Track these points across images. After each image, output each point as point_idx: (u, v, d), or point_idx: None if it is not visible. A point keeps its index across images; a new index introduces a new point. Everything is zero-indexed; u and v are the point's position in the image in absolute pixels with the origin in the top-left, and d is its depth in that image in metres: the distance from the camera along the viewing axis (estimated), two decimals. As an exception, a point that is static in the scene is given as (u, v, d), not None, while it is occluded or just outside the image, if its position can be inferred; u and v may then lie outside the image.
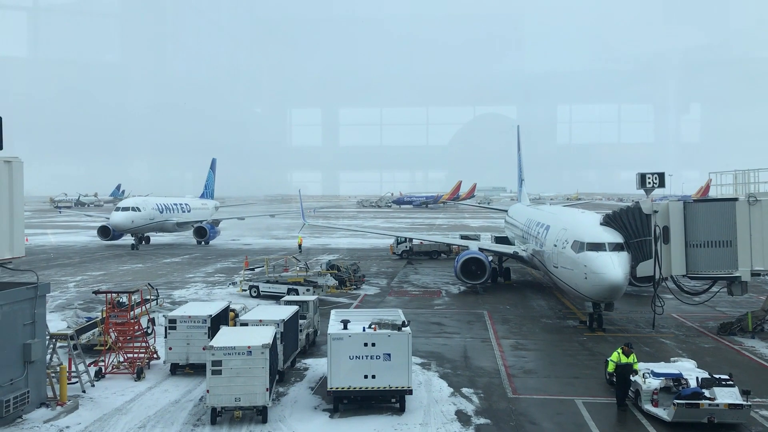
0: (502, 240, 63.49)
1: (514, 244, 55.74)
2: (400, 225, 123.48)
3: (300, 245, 75.93)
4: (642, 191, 33.69)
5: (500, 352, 29.38)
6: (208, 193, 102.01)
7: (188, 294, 45.24)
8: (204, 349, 22.88)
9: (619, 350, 22.71)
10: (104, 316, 28.83)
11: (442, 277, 53.35)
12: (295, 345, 27.81)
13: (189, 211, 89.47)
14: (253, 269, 49.98)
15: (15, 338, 20.15)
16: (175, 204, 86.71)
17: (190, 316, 26.48)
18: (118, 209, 76.79)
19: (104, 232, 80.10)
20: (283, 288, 42.65)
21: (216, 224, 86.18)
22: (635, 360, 22.63)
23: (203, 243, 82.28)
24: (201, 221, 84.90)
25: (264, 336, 22.26)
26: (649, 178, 32.92)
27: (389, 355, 21.78)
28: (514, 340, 31.91)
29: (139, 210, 76.94)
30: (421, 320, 36.02)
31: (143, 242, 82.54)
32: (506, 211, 71.86)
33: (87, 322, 30.07)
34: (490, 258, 48.48)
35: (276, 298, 40.82)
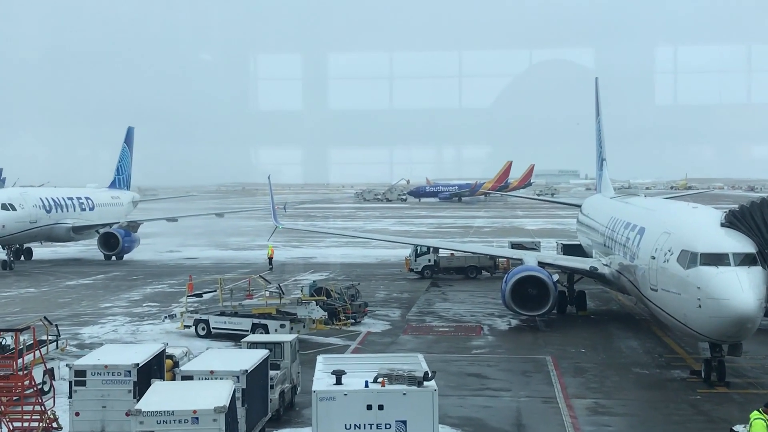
0: (573, 249, 63.18)
1: (590, 256, 55.47)
2: (419, 228, 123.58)
3: (270, 258, 76.10)
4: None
5: (571, 419, 29.21)
6: (122, 180, 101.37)
7: (104, 333, 45.24)
8: (128, 414, 22.77)
9: (760, 413, 22.40)
10: (-22, 366, 28.75)
11: (484, 306, 53.26)
12: (264, 408, 27.73)
13: (92, 209, 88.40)
14: (200, 295, 49.89)
15: None
16: (71, 198, 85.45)
17: (106, 366, 26.38)
18: None
19: None
20: (246, 323, 42.51)
21: (133, 228, 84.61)
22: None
23: (113, 257, 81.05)
24: (110, 224, 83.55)
25: (217, 395, 22.18)
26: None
27: (404, 423, 21.71)
28: (592, 399, 31.76)
29: (14, 208, 74.94)
30: (453, 371, 35.90)
31: (20, 256, 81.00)
32: (579, 206, 71.66)
33: (-47, 375, 30.12)
34: (556, 277, 48.28)
35: (235, 338, 40.64)
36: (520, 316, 46.84)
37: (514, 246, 69.10)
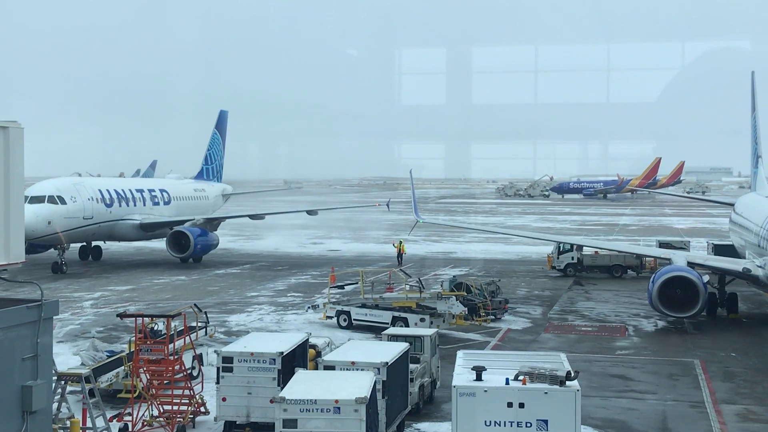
0: (724, 249, 61.12)
1: (743, 257, 53.60)
2: (562, 225, 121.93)
3: (400, 254, 74.25)
4: None
5: (720, 425, 28.50)
6: (211, 170, 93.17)
7: (250, 321, 46.66)
8: (272, 402, 23.31)
9: None
10: (132, 350, 29.94)
11: (629, 306, 52.30)
12: (404, 401, 27.89)
13: (167, 203, 79.73)
14: (342, 287, 50.66)
15: (9, 378, 20.96)
16: (140, 190, 76.86)
17: (252, 354, 27.12)
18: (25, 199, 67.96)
19: None
20: (386, 316, 42.93)
21: (213, 227, 76.04)
22: None
23: (188, 260, 72.35)
24: (185, 220, 73.96)
25: (359, 386, 22.50)
26: None
27: (545, 422, 21.54)
28: (742, 406, 30.90)
29: (63, 202, 64.77)
30: (596, 371, 35.52)
31: (88, 256, 75.11)
32: (732, 205, 69.18)
33: (109, 357, 31.54)
34: (706, 278, 46.83)
35: (375, 330, 41.13)
36: (667, 318, 45.73)
37: (662, 245, 67.38)
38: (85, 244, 74.03)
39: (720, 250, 62.46)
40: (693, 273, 44.52)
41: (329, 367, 26.24)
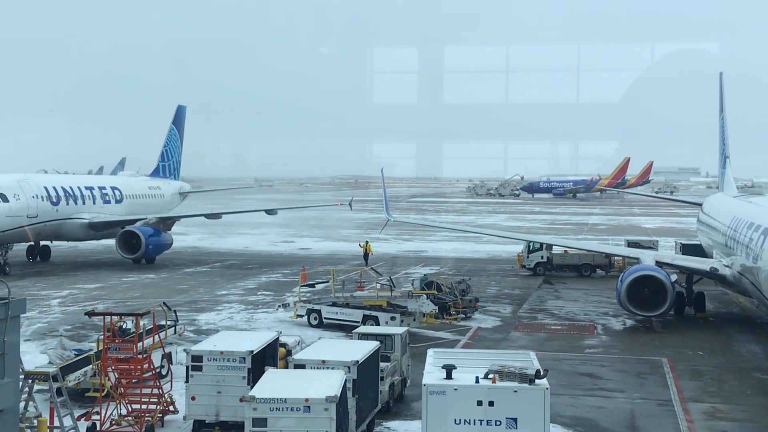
0: (692, 249, 61.71)
1: (711, 256, 54.12)
2: (532, 224, 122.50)
3: (366, 254, 72.31)
4: None
5: (687, 423, 28.66)
6: (167, 167, 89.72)
7: (220, 319, 46.42)
8: (242, 400, 23.24)
9: None
10: (101, 348, 29.70)
11: (598, 305, 52.58)
12: (375, 400, 27.90)
13: (119, 201, 76.45)
14: (312, 285, 50.60)
15: (-24, 377, 20.94)
16: (90, 188, 73.30)
17: (222, 352, 27.01)
18: None
19: None
20: (357, 314, 42.93)
21: (167, 226, 73.72)
22: None
23: (139, 260, 69.60)
24: (137, 219, 71.15)
25: (329, 384, 22.47)
26: None
27: (515, 420, 21.55)
28: (709, 404, 31.11)
29: (6, 199, 62.30)
30: (565, 369, 35.64)
31: (35, 257, 72.57)
32: (700, 205, 69.85)
33: (77, 356, 31.24)
34: (674, 277, 47.24)
35: (346, 328, 41.09)
36: (635, 317, 46.04)
37: (631, 244, 67.98)
38: (33, 243, 71.04)
39: (688, 249, 63.07)
40: (661, 272, 44.86)
41: (300, 366, 26.18)
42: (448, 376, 22.42)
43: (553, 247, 67.05)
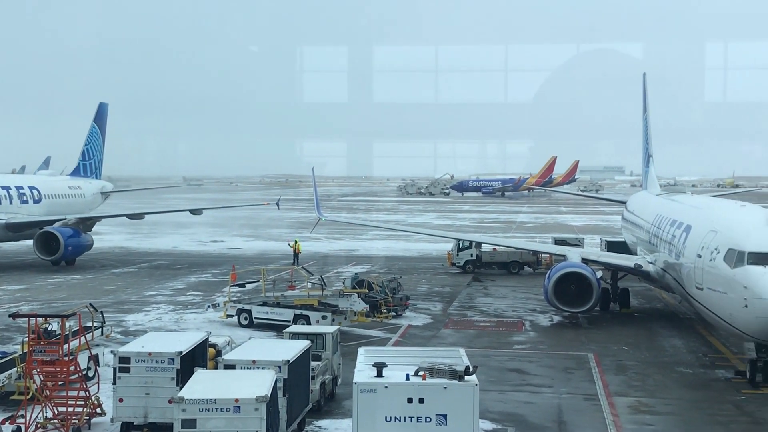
0: (617, 246, 62.78)
1: (635, 253, 55.06)
2: (462, 223, 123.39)
3: (296, 253, 71.73)
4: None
5: (613, 417, 29.10)
6: (89, 166, 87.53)
7: (148, 320, 45.83)
8: (171, 402, 23.03)
9: None
10: (26, 351, 29.22)
11: (526, 302, 53.15)
12: (305, 399, 27.90)
13: (37, 201, 74.16)
14: (243, 285, 50.31)
15: None
16: (6, 188, 71.47)
17: (150, 354, 26.73)
18: None
19: None
20: (288, 314, 42.79)
21: (87, 227, 71.76)
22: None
23: (58, 262, 67.64)
24: (56, 220, 68.97)
25: (259, 384, 22.39)
26: None
27: (444, 417, 21.72)
28: (634, 398, 31.62)
29: None
30: (494, 365, 35.95)
31: None
32: (624, 203, 71.15)
33: (1, 359, 30.58)
34: (599, 274, 48.01)
35: (277, 328, 40.91)
36: (562, 313, 46.61)
37: (558, 242, 68.97)
38: None
39: (613, 246, 64.12)
40: (587, 269, 45.47)
41: (229, 367, 26.03)
42: (379, 374, 22.50)
43: (482, 245, 67.62)
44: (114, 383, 26.81)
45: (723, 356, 38.15)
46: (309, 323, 40.81)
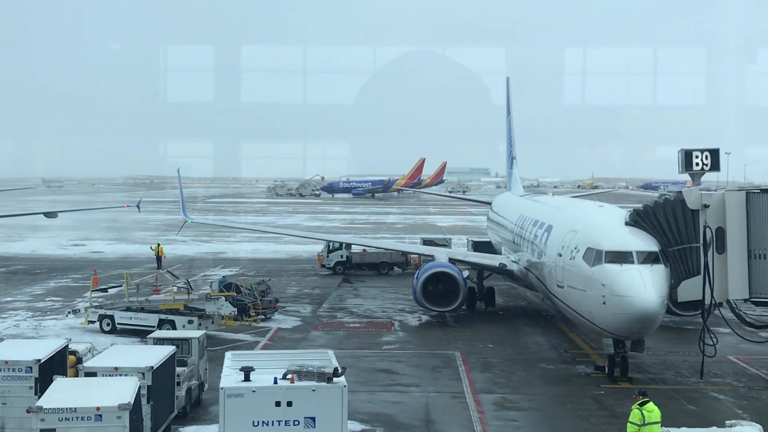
0: (483, 246, 64.06)
1: (500, 253, 56.24)
2: (332, 224, 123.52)
3: (159, 257, 69.39)
4: (686, 176, 34.31)
5: (479, 414, 29.59)
6: None
7: (4, 328, 44.18)
8: (29, 411, 22.26)
9: (637, 407, 23.01)
10: None
11: (395, 302, 53.59)
12: (171, 405, 27.41)
13: None
14: (105, 290, 49.12)
15: None
16: None
17: (6, 362, 25.80)
18: None
19: None
20: (153, 319, 41.90)
21: None
22: (659, 418, 23.01)
23: None
24: None
25: (121, 392, 21.84)
26: (697, 156, 33.52)
27: (313, 419, 21.66)
28: (499, 395, 32.23)
29: None
30: (363, 366, 36.09)
31: None
32: (490, 203, 72.60)
33: None
34: (466, 273, 48.84)
35: (141, 334, 40.01)
36: (430, 312, 47.15)
37: (426, 242, 69.78)
38: None
39: (479, 246, 65.36)
40: (454, 269, 46.18)
41: (91, 374, 25.30)
42: (246, 379, 22.28)
43: (352, 246, 67.93)
44: (-33, 394, 25.74)
45: (583, 352, 39.32)
46: (174, 328, 40.11)
